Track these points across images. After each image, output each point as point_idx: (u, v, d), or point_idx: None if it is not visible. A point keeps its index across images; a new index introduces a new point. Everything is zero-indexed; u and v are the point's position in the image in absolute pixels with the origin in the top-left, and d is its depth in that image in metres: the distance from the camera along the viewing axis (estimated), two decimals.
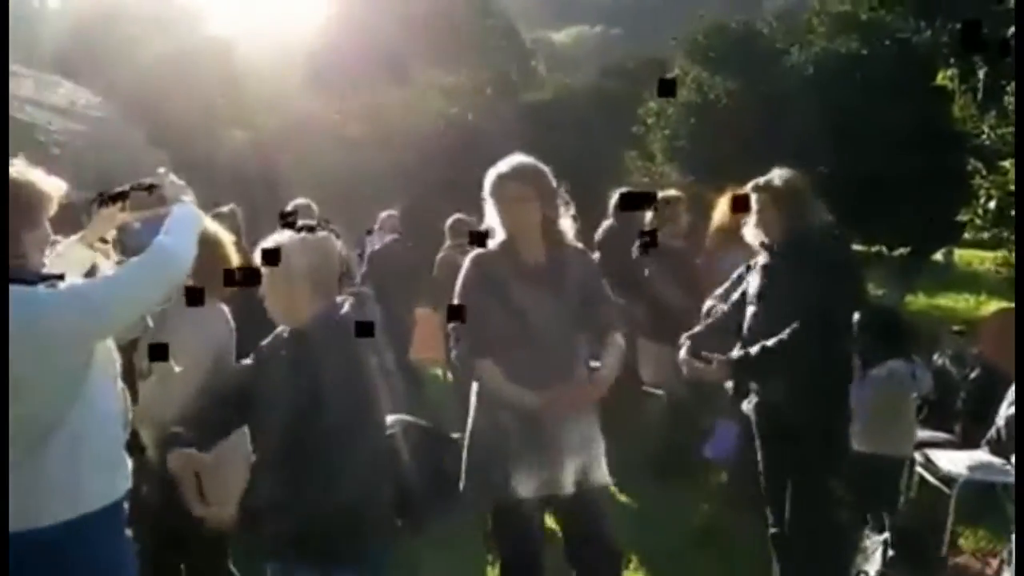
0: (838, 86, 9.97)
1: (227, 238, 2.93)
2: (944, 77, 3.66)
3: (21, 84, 14.09)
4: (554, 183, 2.87)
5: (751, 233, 3.34)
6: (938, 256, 14.03)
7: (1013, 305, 6.10)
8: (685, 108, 10.84)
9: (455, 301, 2.83)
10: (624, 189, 5.70)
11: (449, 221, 6.65)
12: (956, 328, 6.63)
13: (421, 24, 17.16)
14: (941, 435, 5.14)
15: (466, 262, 2.92)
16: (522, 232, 2.84)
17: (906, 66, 9.68)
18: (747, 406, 3.45)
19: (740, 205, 3.26)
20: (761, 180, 3.30)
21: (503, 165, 2.85)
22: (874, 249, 11.16)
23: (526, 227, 2.83)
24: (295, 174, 15.02)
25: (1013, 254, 4.31)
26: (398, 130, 13.89)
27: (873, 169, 9.87)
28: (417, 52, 16.39)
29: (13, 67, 16.25)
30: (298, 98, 16.68)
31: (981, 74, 3.45)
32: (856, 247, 12.22)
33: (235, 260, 2.87)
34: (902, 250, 11.37)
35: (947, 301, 13.29)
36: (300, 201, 5.29)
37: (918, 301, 12.72)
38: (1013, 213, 3.52)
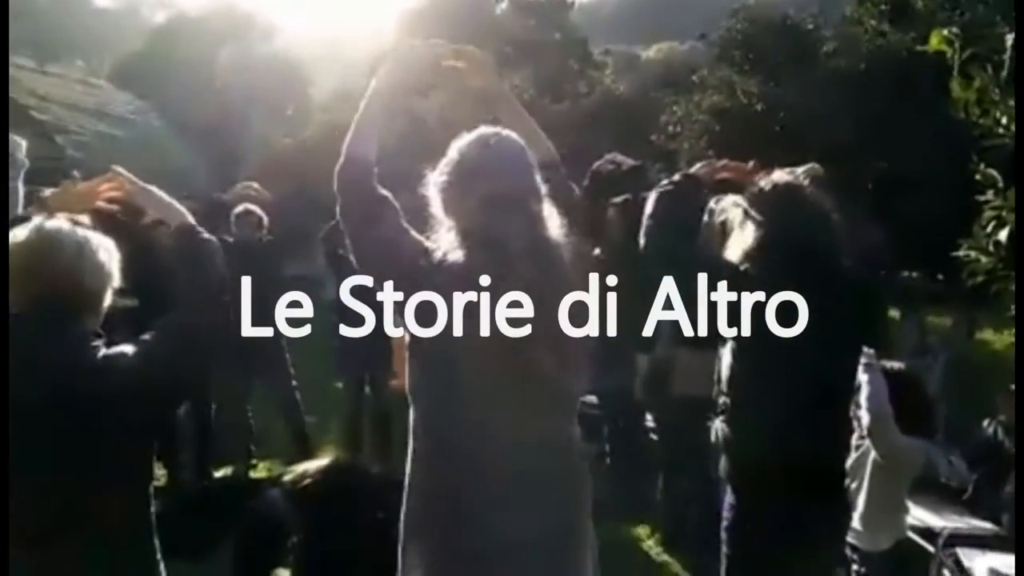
0: (886, 88, 8.60)
1: None
2: (940, 40, 2.34)
3: (45, 84, 14.33)
4: None
5: None
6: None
7: None
8: (711, 114, 9.70)
9: None
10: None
11: None
12: (1014, 387, 5.12)
13: (471, 33, 16.67)
14: (985, 526, 3.86)
15: None
16: None
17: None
18: None
19: None
20: None
21: None
22: (939, 278, 9.58)
23: None
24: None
25: None
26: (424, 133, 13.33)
27: (924, 183, 8.43)
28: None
29: (50, 67, 16.84)
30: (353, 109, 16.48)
31: (1009, 40, 2.20)
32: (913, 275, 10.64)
33: None
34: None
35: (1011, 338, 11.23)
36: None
37: (1003, 339, 10.83)
38: None
